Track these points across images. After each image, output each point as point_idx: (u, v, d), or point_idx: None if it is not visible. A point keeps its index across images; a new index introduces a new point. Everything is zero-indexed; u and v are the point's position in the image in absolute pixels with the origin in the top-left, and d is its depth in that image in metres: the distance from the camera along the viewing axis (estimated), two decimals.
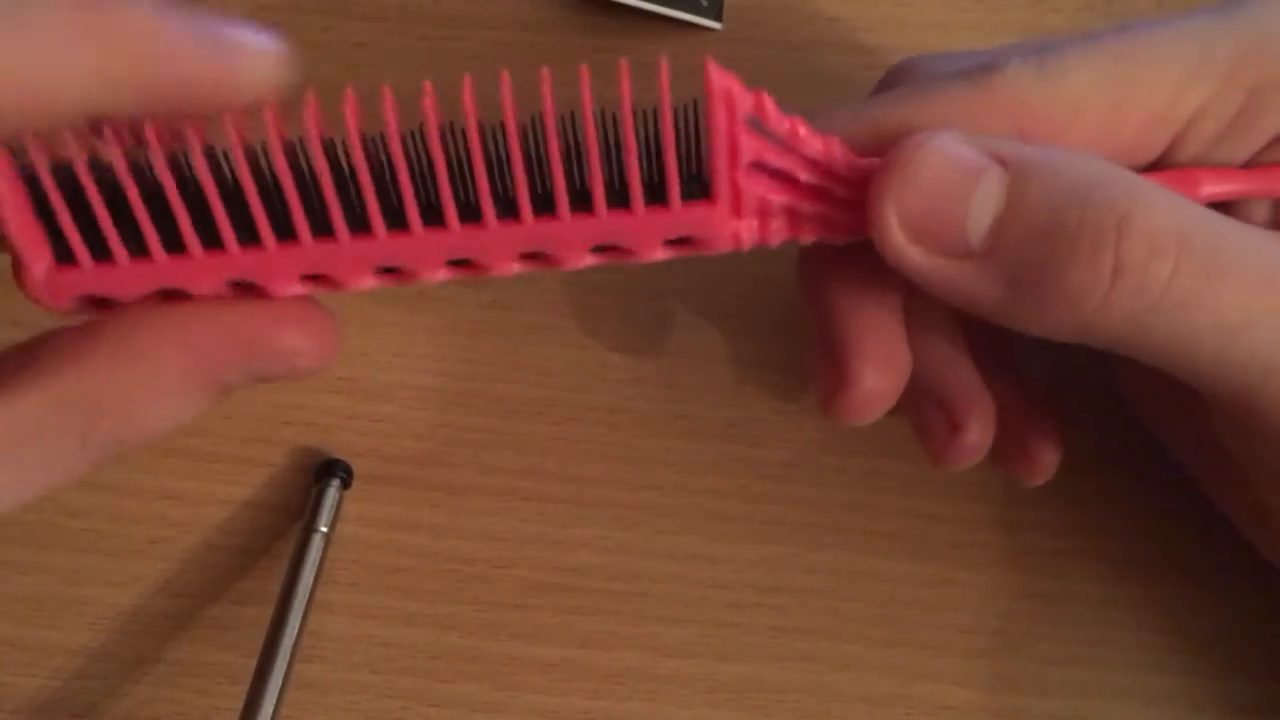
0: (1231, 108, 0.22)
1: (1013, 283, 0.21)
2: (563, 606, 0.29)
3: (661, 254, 0.22)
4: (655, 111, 0.21)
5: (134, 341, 0.20)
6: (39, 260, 0.21)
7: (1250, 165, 0.23)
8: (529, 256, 0.22)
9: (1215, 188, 0.23)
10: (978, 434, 0.25)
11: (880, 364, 0.24)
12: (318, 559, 0.28)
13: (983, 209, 0.21)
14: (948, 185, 0.21)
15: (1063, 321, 0.21)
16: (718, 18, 0.30)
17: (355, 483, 0.29)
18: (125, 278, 0.21)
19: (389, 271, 0.22)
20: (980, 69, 0.23)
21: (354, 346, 0.30)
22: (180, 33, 0.19)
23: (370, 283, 0.22)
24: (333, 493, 0.29)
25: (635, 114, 0.21)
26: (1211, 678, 0.28)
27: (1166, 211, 0.20)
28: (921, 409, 0.26)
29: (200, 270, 0.21)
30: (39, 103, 0.19)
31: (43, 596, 0.29)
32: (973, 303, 0.22)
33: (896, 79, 0.25)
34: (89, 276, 0.21)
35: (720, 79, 0.21)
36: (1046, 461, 0.27)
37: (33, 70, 0.18)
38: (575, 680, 0.29)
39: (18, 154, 0.20)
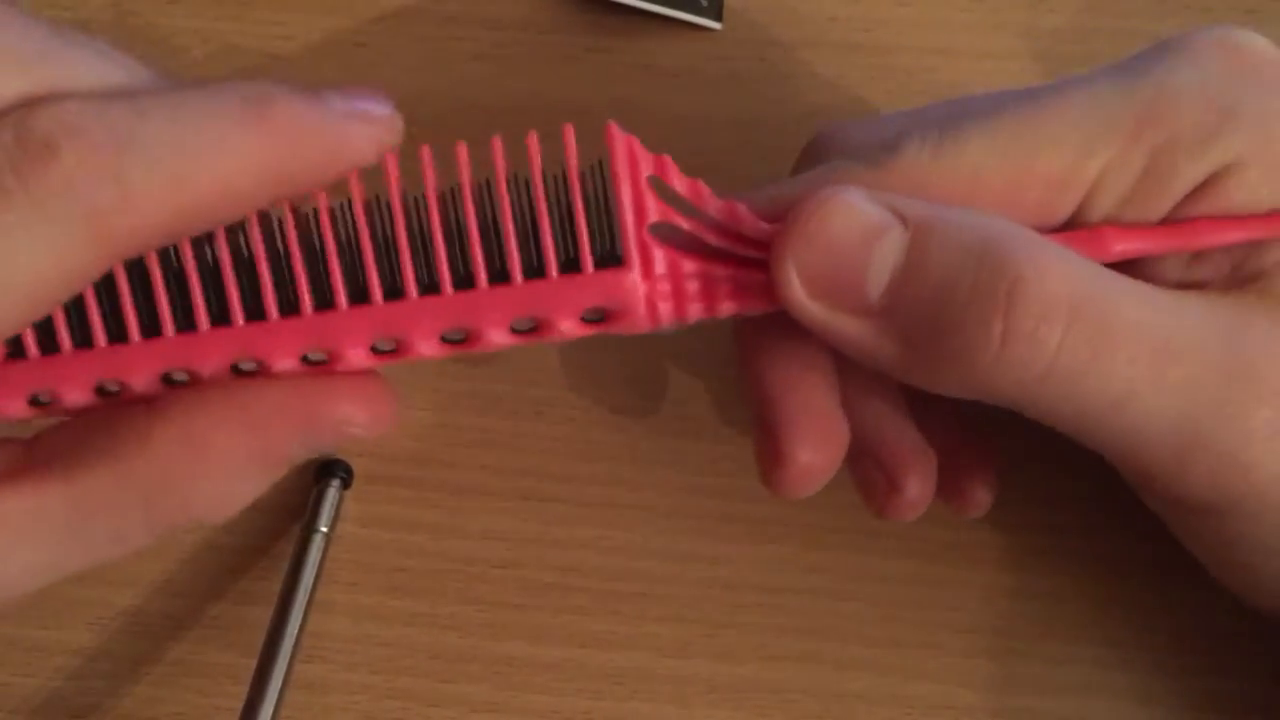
0: (1135, 169, 0.22)
1: (908, 342, 0.21)
2: (563, 606, 0.29)
3: (579, 328, 0.22)
4: (564, 176, 0.22)
5: (199, 423, 0.21)
6: None
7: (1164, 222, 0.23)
8: (452, 335, 0.22)
9: (1125, 245, 0.23)
10: (916, 491, 0.25)
11: (815, 441, 0.24)
12: (318, 559, 0.28)
13: (882, 267, 0.21)
14: (848, 242, 0.21)
15: (956, 383, 0.21)
16: (718, 18, 0.30)
17: (355, 483, 0.29)
18: (69, 368, 0.21)
19: (314, 357, 0.22)
20: (881, 148, 0.23)
21: None
22: (323, 116, 0.20)
23: (292, 364, 0.22)
24: (333, 493, 0.29)
25: (546, 180, 0.22)
26: (1211, 679, 0.28)
27: (1059, 277, 0.20)
28: (860, 467, 0.26)
29: (138, 357, 0.22)
30: (222, 200, 0.19)
31: (42, 596, 0.29)
32: (871, 359, 0.22)
33: (812, 154, 0.25)
34: (37, 369, 0.21)
35: (622, 138, 0.22)
36: (979, 500, 0.27)
37: (216, 170, 0.19)
38: (575, 680, 0.29)
39: None
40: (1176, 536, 0.25)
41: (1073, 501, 0.29)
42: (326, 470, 0.29)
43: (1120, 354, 0.21)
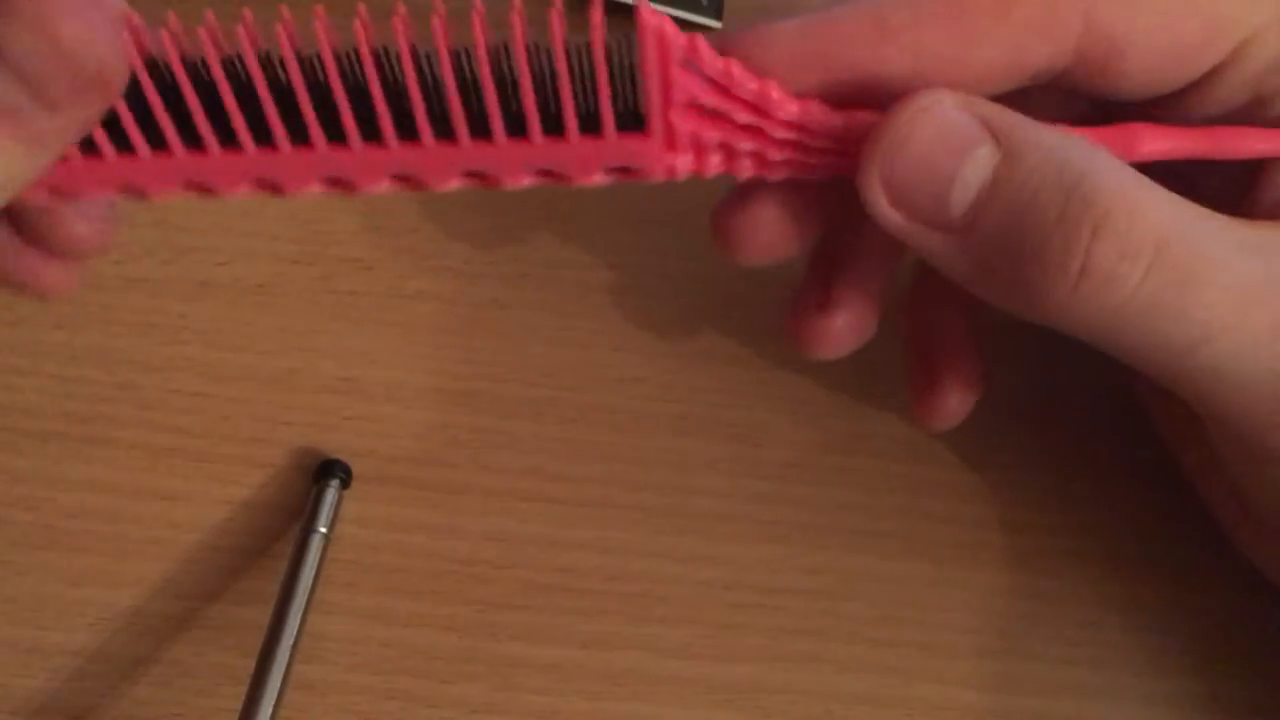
0: None
1: (986, 263, 0.21)
2: (563, 607, 0.29)
3: (599, 179, 0.23)
4: (588, 46, 0.22)
5: None
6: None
7: None
8: (471, 175, 0.23)
9: (1155, 145, 0.22)
10: (842, 320, 0.26)
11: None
12: (317, 559, 0.28)
13: (968, 184, 0.21)
14: (936, 156, 0.21)
15: (1028, 308, 0.21)
16: (717, 17, 0.30)
17: (355, 483, 0.29)
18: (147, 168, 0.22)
19: (335, 182, 0.23)
20: None
21: (354, 346, 0.30)
22: None
23: (317, 188, 0.23)
24: (332, 493, 0.29)
25: (570, 49, 0.22)
26: (1212, 678, 0.28)
27: (1147, 215, 0.20)
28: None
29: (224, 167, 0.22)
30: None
31: (41, 597, 0.29)
32: (951, 271, 0.22)
33: None
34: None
35: (652, 17, 0.22)
36: (949, 408, 0.27)
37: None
38: (575, 681, 0.29)
39: None
40: (1242, 488, 0.25)
41: (1073, 501, 0.29)
42: (325, 471, 0.29)
43: (1201, 296, 0.20)
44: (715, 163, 0.23)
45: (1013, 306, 0.22)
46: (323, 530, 0.28)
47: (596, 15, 0.22)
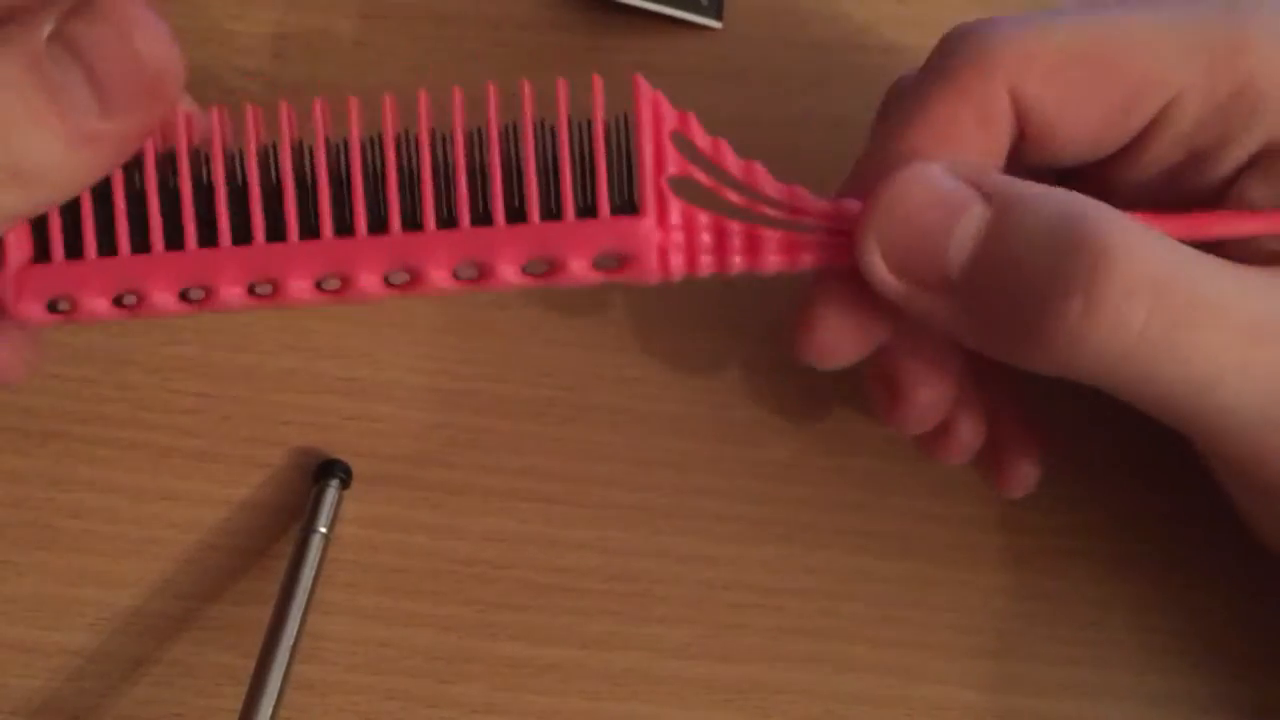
0: (1221, 91, 0.22)
1: (989, 317, 0.21)
2: (563, 607, 0.29)
3: (592, 272, 0.23)
4: (589, 124, 0.23)
5: None
6: (19, 253, 0.23)
7: (1235, 176, 0.23)
8: (465, 269, 0.23)
9: (1223, 228, 0.22)
10: (968, 433, 0.26)
11: (927, 378, 0.25)
12: (317, 559, 0.28)
13: (962, 242, 0.21)
14: (929, 217, 0.21)
15: (1036, 359, 0.21)
16: (718, 17, 0.30)
17: (355, 483, 0.29)
18: (92, 275, 0.23)
19: (328, 284, 0.23)
20: (954, 41, 0.23)
21: (354, 346, 0.30)
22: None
23: (311, 294, 0.23)
24: (332, 493, 0.29)
25: (570, 126, 0.22)
26: (1212, 679, 0.28)
27: (1145, 254, 0.20)
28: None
29: (159, 268, 0.23)
30: None
31: (40, 597, 0.29)
32: (952, 332, 0.22)
33: (893, 98, 0.26)
34: (59, 274, 0.23)
35: (648, 90, 0.23)
36: (1024, 476, 0.27)
37: None
38: (575, 681, 0.29)
39: None
40: (1249, 520, 0.25)
41: (1073, 502, 0.29)
42: (325, 471, 0.29)
43: (1207, 335, 0.20)
44: (707, 244, 0.23)
45: (1019, 359, 0.22)
46: (323, 530, 0.28)
47: (597, 90, 0.22)
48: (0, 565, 0.29)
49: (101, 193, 0.23)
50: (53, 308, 0.23)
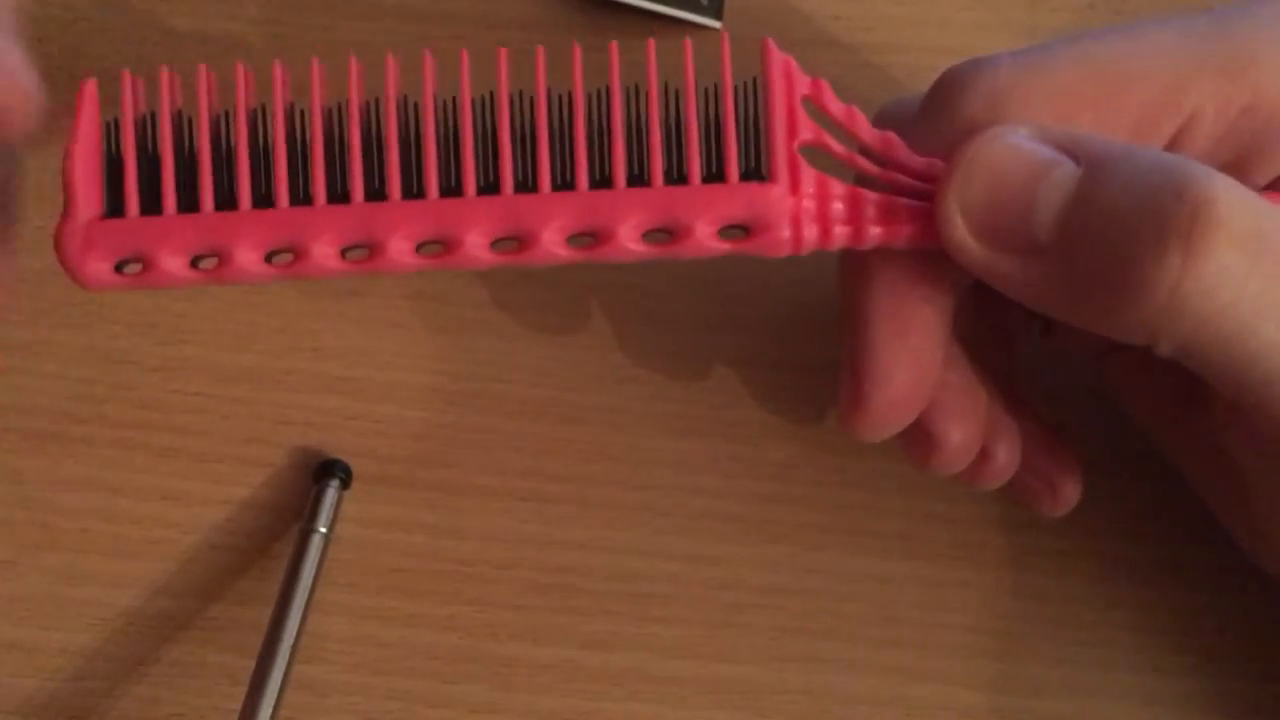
0: (1232, 110, 0.21)
1: (1080, 279, 0.20)
2: (562, 607, 0.29)
3: (717, 243, 0.21)
4: (717, 88, 0.21)
5: None
6: (89, 206, 0.22)
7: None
8: (581, 238, 0.22)
9: None
10: (1004, 458, 0.25)
11: (964, 417, 0.24)
12: (317, 559, 0.28)
13: (1049, 203, 0.20)
14: (1013, 179, 0.21)
15: (1129, 322, 0.20)
16: (718, 16, 0.30)
17: (355, 483, 0.29)
18: (169, 232, 0.21)
19: (430, 249, 0.22)
20: (949, 85, 0.22)
21: (354, 346, 0.30)
22: None
23: (412, 259, 0.22)
24: (332, 493, 0.29)
25: (697, 90, 0.21)
26: (1212, 679, 0.28)
27: (1246, 206, 0.19)
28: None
29: (248, 227, 0.21)
30: None
31: (40, 597, 0.29)
32: (1038, 300, 0.21)
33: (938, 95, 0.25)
34: (133, 230, 0.21)
35: (779, 55, 0.21)
36: (1069, 494, 0.26)
37: None
38: (575, 681, 0.29)
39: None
40: (1251, 494, 0.24)
41: None
42: (325, 470, 0.29)
43: None
44: (840, 213, 0.22)
45: (1110, 323, 0.21)
46: (323, 530, 0.28)
47: (726, 53, 0.21)
48: (0, 565, 0.29)
49: (185, 148, 0.22)
50: (120, 268, 0.22)
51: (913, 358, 0.23)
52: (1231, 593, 0.28)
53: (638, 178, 0.21)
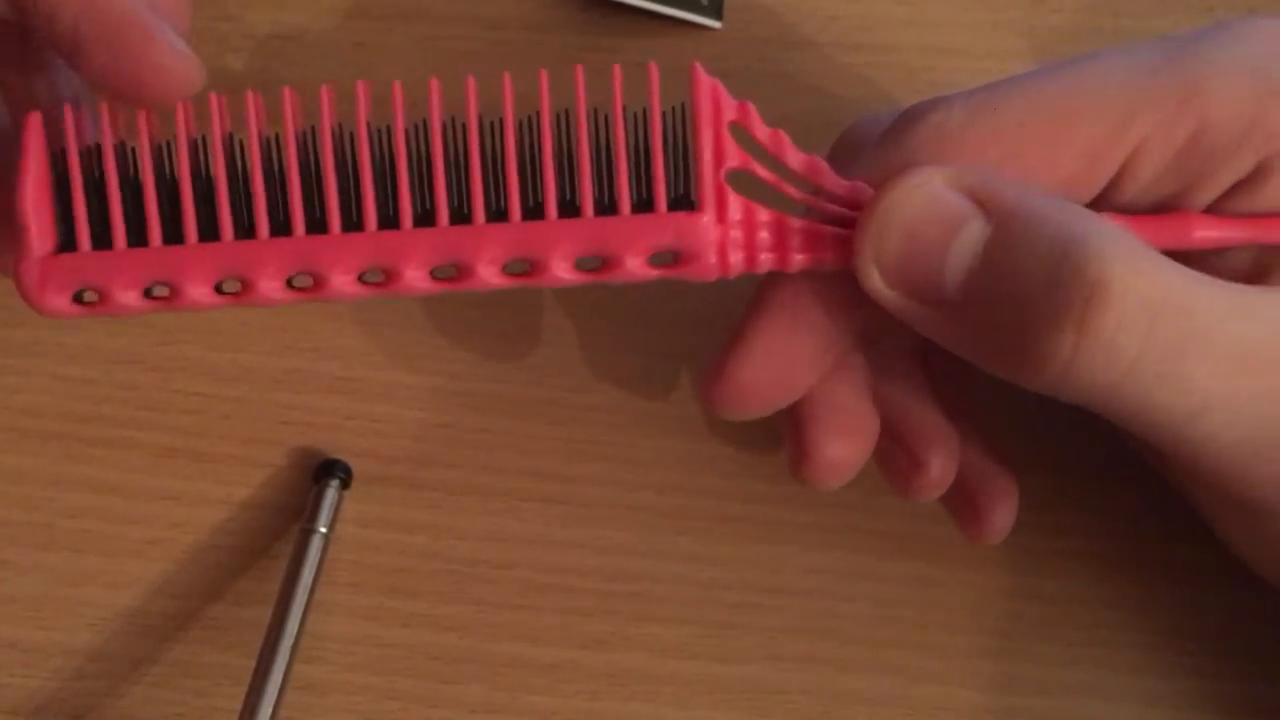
0: (1176, 142, 0.22)
1: (985, 335, 0.21)
2: (563, 607, 0.29)
3: (647, 270, 0.22)
4: (645, 113, 0.22)
5: None
6: (43, 242, 0.22)
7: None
8: (515, 265, 0.22)
9: (1207, 233, 0.22)
10: (939, 469, 0.25)
11: (842, 435, 0.25)
12: (317, 559, 0.28)
13: (959, 261, 0.21)
14: (926, 234, 0.21)
15: (1030, 379, 0.21)
16: (718, 17, 0.30)
17: (355, 483, 0.29)
18: (121, 266, 0.22)
19: (371, 277, 0.23)
20: (909, 117, 0.22)
21: (354, 346, 0.30)
22: None
23: (354, 288, 0.22)
24: (332, 493, 0.29)
25: (625, 116, 0.22)
26: (1212, 679, 0.28)
27: (1140, 283, 0.20)
28: (884, 445, 0.26)
29: (194, 261, 0.22)
30: None
31: (41, 597, 0.29)
32: (951, 347, 0.22)
33: (843, 146, 0.26)
34: (87, 264, 0.22)
35: (707, 79, 0.22)
36: (998, 523, 0.26)
37: None
38: (575, 681, 0.29)
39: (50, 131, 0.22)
40: (1226, 538, 0.25)
41: (1073, 502, 0.29)
42: (325, 470, 0.29)
43: (1196, 367, 0.20)
44: (766, 241, 0.22)
45: (1016, 378, 0.21)
46: (323, 530, 0.28)
47: (654, 77, 0.21)
48: (0, 565, 0.29)
49: (130, 180, 0.22)
50: (79, 299, 0.22)
51: (784, 354, 0.24)
52: (1229, 593, 0.28)
53: (569, 205, 0.22)
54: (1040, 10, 0.30)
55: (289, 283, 0.22)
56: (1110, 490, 0.29)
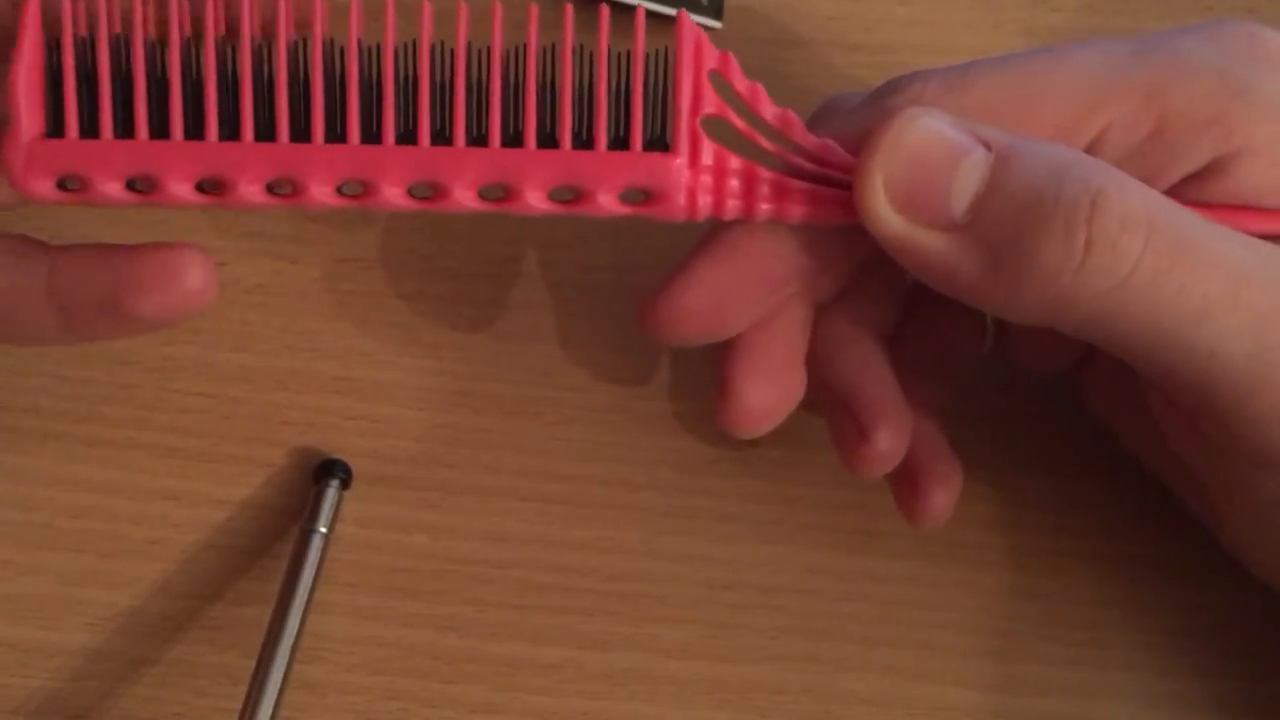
0: (1140, 132, 0.23)
1: (990, 258, 0.22)
2: (563, 607, 0.29)
3: (618, 206, 0.23)
4: (629, 55, 0.22)
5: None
6: (32, 125, 0.22)
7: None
8: (491, 190, 0.23)
9: (1263, 226, 0.23)
10: (886, 443, 0.26)
11: (763, 381, 0.26)
12: (317, 560, 0.28)
13: (966, 184, 0.22)
14: (934, 158, 0.22)
15: (1035, 299, 0.21)
16: (718, 16, 0.30)
17: (355, 483, 0.29)
18: (106, 155, 0.22)
19: (350, 189, 0.23)
20: (887, 88, 0.23)
21: (354, 346, 0.30)
22: None
23: (332, 199, 0.23)
24: (332, 493, 0.29)
25: (610, 56, 0.22)
26: (1210, 678, 0.28)
27: (1138, 194, 0.21)
28: (833, 415, 0.26)
29: (178, 158, 0.22)
30: None
31: (40, 597, 0.29)
32: (949, 277, 0.22)
33: (818, 118, 0.26)
34: (73, 151, 0.22)
35: (691, 28, 0.22)
36: (936, 504, 0.27)
37: None
38: (575, 681, 0.29)
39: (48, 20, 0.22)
40: (1226, 538, 0.26)
41: (1073, 502, 0.29)
42: (325, 471, 0.29)
43: (1197, 271, 0.21)
44: (734, 189, 0.23)
45: (1019, 302, 0.22)
46: (323, 530, 0.28)
47: (640, 20, 0.22)
48: (0, 565, 0.29)
49: (122, 74, 0.22)
50: (63, 185, 0.23)
51: (724, 287, 0.25)
52: (1228, 592, 0.28)
53: (549, 138, 0.23)
54: (1040, 10, 0.30)
55: (269, 188, 0.23)
56: (1110, 490, 0.29)
